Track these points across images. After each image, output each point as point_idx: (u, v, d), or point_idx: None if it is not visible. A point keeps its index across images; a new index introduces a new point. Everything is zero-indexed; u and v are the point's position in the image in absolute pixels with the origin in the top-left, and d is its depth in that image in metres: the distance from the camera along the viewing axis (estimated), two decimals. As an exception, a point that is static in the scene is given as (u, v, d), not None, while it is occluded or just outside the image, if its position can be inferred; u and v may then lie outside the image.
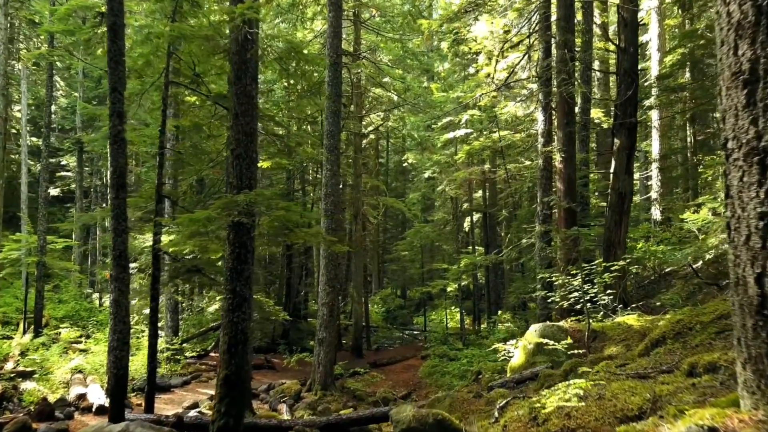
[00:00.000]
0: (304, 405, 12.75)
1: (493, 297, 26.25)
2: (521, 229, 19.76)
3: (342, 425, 8.05)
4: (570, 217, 12.35)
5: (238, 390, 6.57)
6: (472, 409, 6.54)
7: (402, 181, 44.37)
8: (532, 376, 7.65)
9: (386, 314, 32.94)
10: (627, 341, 7.47)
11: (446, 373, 16.69)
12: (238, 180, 6.83)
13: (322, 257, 14.17)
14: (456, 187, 24.49)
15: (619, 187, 12.06)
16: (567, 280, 8.42)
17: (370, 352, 22.62)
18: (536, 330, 8.55)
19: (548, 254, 12.53)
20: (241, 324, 6.67)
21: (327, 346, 14.03)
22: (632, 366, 4.69)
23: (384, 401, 14.13)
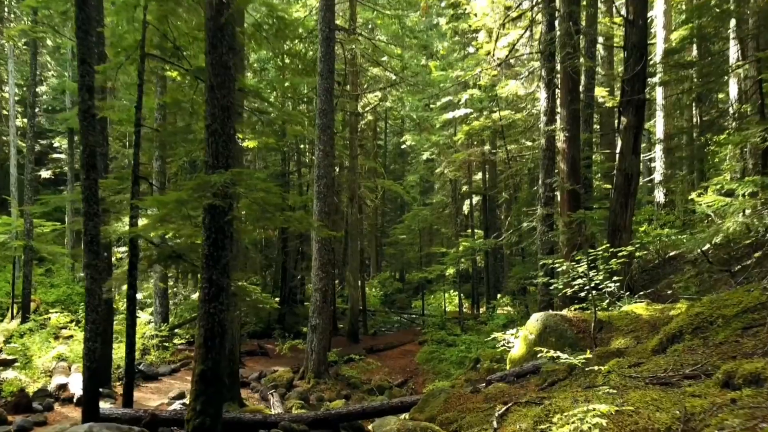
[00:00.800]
0: (296, 394, 12.30)
1: (492, 281, 25.79)
2: (522, 213, 19.20)
3: (330, 420, 7.56)
4: (573, 200, 11.77)
5: (215, 387, 6.06)
6: (469, 407, 6.03)
7: (401, 164, 43.74)
8: (533, 369, 7.15)
9: (384, 298, 32.51)
10: (636, 333, 6.95)
11: (444, 359, 16.26)
12: (214, 159, 6.25)
13: (315, 241, 13.62)
14: (455, 169, 23.85)
15: (626, 167, 11.47)
16: (571, 267, 7.87)
17: (366, 337, 22.21)
18: (538, 319, 8.03)
19: (550, 238, 11.98)
20: (218, 315, 6.14)
21: (320, 333, 13.55)
22: (648, 367, 4.15)
23: (379, 389, 13.70)
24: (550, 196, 12.40)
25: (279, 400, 11.56)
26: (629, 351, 5.98)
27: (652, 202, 22.16)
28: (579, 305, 8.88)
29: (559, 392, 5.62)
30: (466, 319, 21.86)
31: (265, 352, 17.23)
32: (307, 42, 21.43)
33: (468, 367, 14.92)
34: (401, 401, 7.59)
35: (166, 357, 14.43)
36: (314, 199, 13.75)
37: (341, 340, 20.98)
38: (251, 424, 7.54)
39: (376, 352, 18.75)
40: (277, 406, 11.23)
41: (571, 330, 7.64)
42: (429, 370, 16.19)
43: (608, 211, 12.22)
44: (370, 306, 30.16)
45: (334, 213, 20.92)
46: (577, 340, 7.51)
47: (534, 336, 7.94)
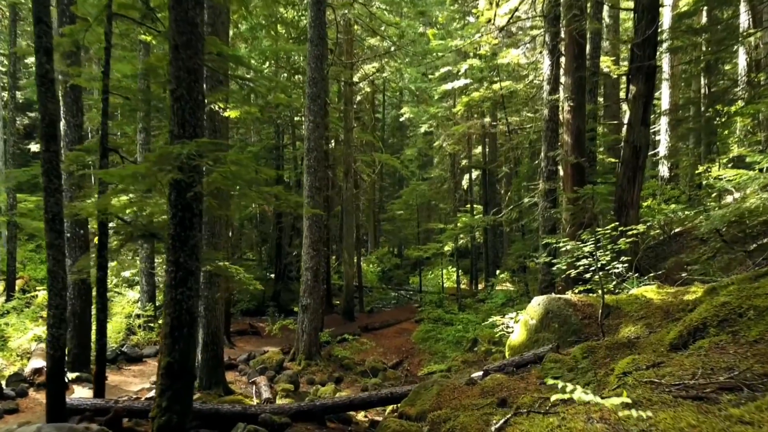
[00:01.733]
0: (285, 377, 11.79)
1: (491, 257, 25.23)
2: (522, 187, 18.53)
3: (315, 412, 7.03)
4: (578, 174, 11.11)
5: (183, 381, 5.48)
6: (464, 404, 5.46)
7: (399, 137, 42.86)
8: (535, 359, 6.57)
9: (382, 274, 32.01)
10: (647, 319, 6.35)
11: (440, 339, 15.78)
12: (180, 128, 5.56)
13: (306, 218, 12.98)
14: (454, 142, 23.09)
15: (634, 139, 10.77)
16: (576, 246, 7.25)
17: (362, 315, 21.73)
18: (540, 303, 7.44)
19: (552, 215, 11.34)
20: (186, 302, 5.52)
21: (311, 313, 13.01)
22: (672, 370, 3.54)
23: (373, 371, 13.23)
24: (553, 170, 11.73)
25: (267, 384, 11.06)
26: (642, 343, 5.38)
27: (655, 177, 21.48)
28: (583, 287, 8.28)
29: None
30: (464, 296, 21.35)
31: (256, 332, 16.73)
32: (301, 9, 20.49)
33: (465, 348, 14.44)
34: (391, 392, 7.05)
35: (152, 338, 13.91)
36: (305, 173, 13.08)
37: (336, 318, 20.52)
38: (230, 416, 7.01)
39: (372, 331, 18.28)
40: (264, 391, 10.72)
41: (576, 315, 7.05)
42: (425, 350, 15.71)
43: (613, 186, 11.60)
44: (368, 282, 29.68)
45: (328, 188, 20.26)
46: (582, 327, 6.92)
47: (535, 321, 7.36)
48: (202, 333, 10.02)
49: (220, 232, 10.05)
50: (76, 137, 10.76)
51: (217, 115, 9.78)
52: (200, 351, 10.06)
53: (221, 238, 10.08)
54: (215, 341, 10.03)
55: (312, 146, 12.90)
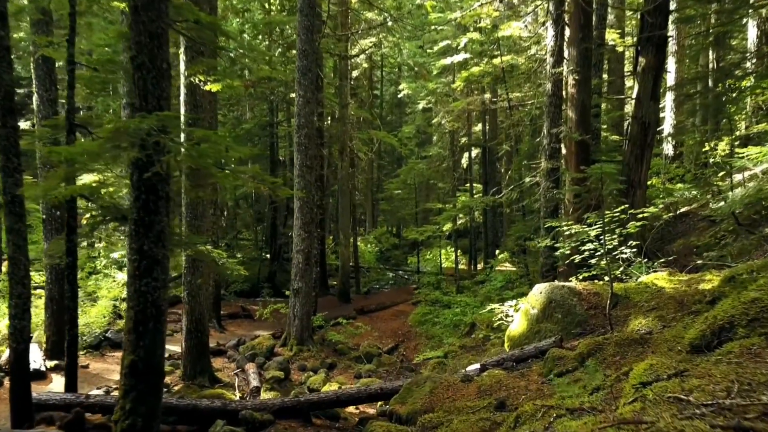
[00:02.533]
0: (275, 364, 11.32)
1: (490, 237, 24.73)
2: (523, 166, 17.92)
3: (300, 409, 6.54)
4: (582, 152, 10.51)
5: (149, 381, 4.97)
6: (458, 406, 4.97)
7: (398, 114, 42.09)
8: (536, 353, 6.06)
9: (379, 254, 31.54)
10: (659, 311, 5.82)
11: (438, 322, 15.32)
12: (142, 100, 4.96)
13: (296, 198, 12.40)
14: (453, 119, 22.40)
15: (643, 115, 10.17)
16: (582, 230, 6.70)
17: (359, 297, 21.29)
18: (542, 291, 6.91)
19: (554, 195, 10.77)
20: (151, 294, 4.99)
21: (303, 297, 12.51)
22: (701, 383, 2.99)
23: (367, 357, 12.77)
24: (556, 147, 11.12)
25: (256, 372, 10.60)
26: (656, 339, 4.86)
27: (660, 155, 20.85)
28: (588, 273, 7.74)
29: (568, 387, 4.54)
30: (463, 277, 20.88)
31: (248, 315, 16.27)
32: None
33: (463, 332, 13.98)
34: (380, 387, 6.56)
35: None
36: (295, 151, 12.47)
37: (332, 299, 20.07)
38: (208, 413, 6.53)
39: (367, 314, 17.82)
40: (253, 379, 10.27)
41: (581, 305, 6.53)
42: (422, 334, 15.27)
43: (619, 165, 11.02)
44: (365, 263, 29.23)
45: (322, 167, 19.64)
46: (587, 318, 6.41)
47: (537, 311, 6.84)
48: (186, 320, 9.54)
49: (204, 213, 9.49)
50: (50, 113, 10.12)
51: (199, 89, 9.14)
52: (184, 339, 9.60)
53: (205, 220, 9.53)
54: (200, 328, 9.54)
55: (303, 122, 12.26)
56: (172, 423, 6.72)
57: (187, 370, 9.51)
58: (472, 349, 12.54)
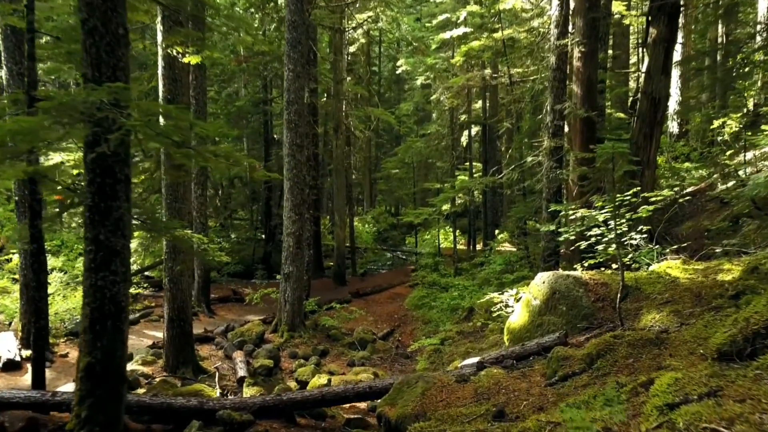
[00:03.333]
0: (264, 352, 10.88)
1: (490, 217, 24.19)
2: (524, 144, 17.29)
3: (282, 408, 6.06)
4: (588, 130, 9.91)
5: (108, 385, 4.47)
6: (452, 414, 4.46)
7: (396, 91, 41.25)
8: (538, 349, 5.55)
9: (377, 235, 31.02)
10: (674, 304, 5.30)
11: (435, 306, 14.86)
12: (94, 70, 4.37)
13: (286, 179, 11.82)
14: (452, 95, 21.66)
15: (652, 90, 9.54)
16: (590, 215, 6.15)
17: (355, 279, 20.82)
18: (545, 281, 6.38)
19: (558, 176, 10.18)
20: (109, 289, 4.46)
21: (294, 282, 12.01)
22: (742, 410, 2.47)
23: (361, 343, 12.34)
24: (560, 125, 10.50)
25: (243, 361, 10.15)
26: (674, 340, 4.34)
27: (665, 133, 20.18)
28: (594, 260, 7.20)
29: (576, 396, 4.02)
30: (462, 258, 20.38)
31: (240, 298, 15.78)
32: None
33: (461, 316, 13.52)
34: (369, 386, 6.07)
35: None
36: (284, 129, 11.85)
37: (327, 282, 19.62)
38: (184, 412, 6.04)
39: (363, 296, 17.37)
40: (240, 368, 9.82)
41: (587, 297, 6.00)
42: (418, 318, 14.83)
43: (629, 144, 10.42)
44: (363, 243, 28.74)
45: (315, 145, 19.01)
46: (595, 311, 5.88)
47: (539, 302, 6.32)
48: (167, 308, 9.04)
49: (185, 195, 8.92)
50: (23, 87, 9.47)
51: (177, 63, 8.50)
52: (166, 328, 9.11)
53: (186, 202, 8.96)
54: (182, 317, 9.04)
55: (292, 98, 11.63)
56: (146, 422, 6.25)
57: (169, 360, 9.05)
58: (470, 335, 12.09)
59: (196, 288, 14.17)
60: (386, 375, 10.39)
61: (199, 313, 13.83)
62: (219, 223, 28.34)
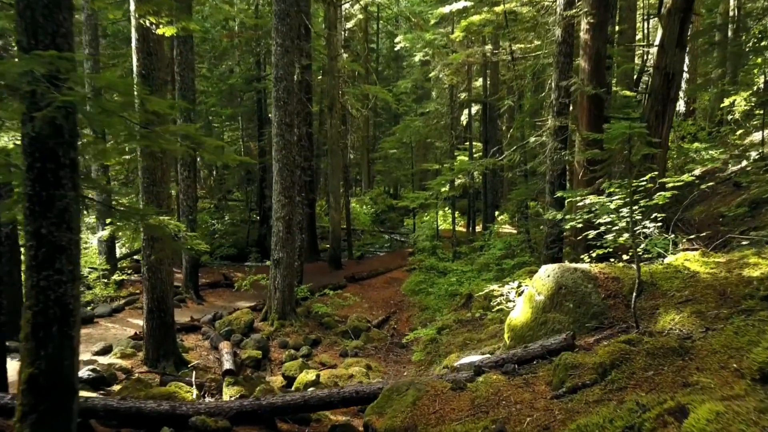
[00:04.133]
0: (253, 342, 10.39)
1: (490, 198, 23.58)
2: (526, 123, 16.61)
3: (261, 414, 5.54)
4: (596, 108, 9.26)
5: (55, 401, 3.93)
6: (444, 431, 3.93)
7: (395, 69, 40.35)
8: (543, 352, 5.00)
9: (375, 216, 30.41)
10: (695, 304, 4.74)
11: (432, 292, 14.35)
12: (30, 37, 3.74)
13: (275, 160, 11.20)
14: (452, 72, 20.88)
15: (666, 65, 8.88)
16: (601, 201, 5.56)
17: (351, 262, 20.31)
18: (549, 275, 5.81)
19: (563, 157, 9.57)
20: (54, 290, 3.90)
21: (285, 268, 11.47)
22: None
23: (354, 332, 11.84)
24: (565, 103, 9.84)
25: (230, 352, 9.64)
26: (700, 350, 3.78)
27: (670, 112, 19.42)
28: (602, 251, 6.63)
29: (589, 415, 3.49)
30: (460, 241, 19.86)
31: (230, 284, 15.24)
32: None
33: (459, 303, 13.01)
34: (356, 390, 5.53)
35: (109, 293, 12.43)
36: (273, 107, 11.20)
37: (322, 265, 19.10)
38: (155, 416, 5.53)
39: (359, 281, 16.86)
40: (226, 361, 9.32)
41: (597, 293, 5.44)
42: (415, 304, 14.33)
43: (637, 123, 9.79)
44: (360, 225, 28.18)
45: (309, 124, 18.33)
46: (605, 309, 5.32)
47: (543, 298, 5.76)
48: (146, 298, 8.49)
49: (164, 179, 8.31)
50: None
51: (152, 34, 7.83)
52: (145, 319, 8.58)
53: (165, 185, 8.36)
54: (162, 307, 8.50)
55: (281, 75, 10.95)
56: (114, 427, 5.74)
57: (149, 353, 8.54)
58: (468, 323, 11.59)
59: (184, 273, 13.64)
60: (380, 366, 9.93)
61: (187, 300, 13.32)
62: (213, 205, 27.77)
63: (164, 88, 8.23)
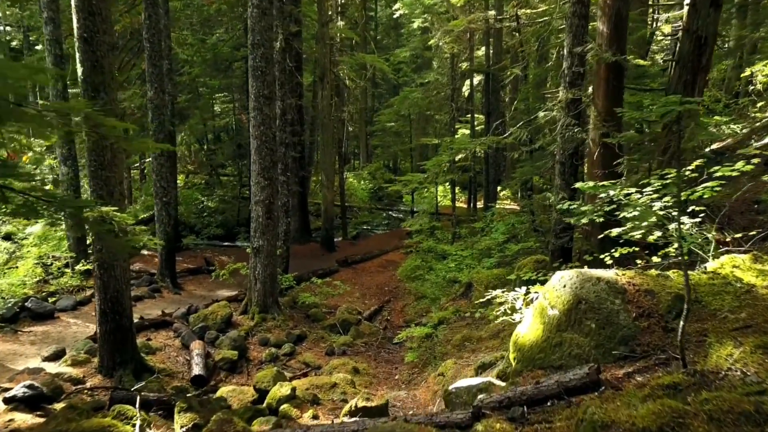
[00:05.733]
0: (228, 341, 9.39)
1: (492, 174, 22.36)
2: (531, 94, 15.34)
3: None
4: (615, 77, 8.06)
5: None
6: None
7: (394, 38, 38.73)
8: (559, 390, 3.94)
9: (373, 192, 29.26)
10: (759, 332, 3.65)
11: (429, 279, 13.32)
12: None
13: (252, 137, 10.04)
14: (452, 40, 19.50)
15: (698, 27, 7.64)
16: (640, 202, 4.45)
17: (345, 243, 19.26)
18: (566, 284, 4.72)
19: (576, 134, 8.38)
20: None
21: (266, 257, 10.41)
22: None
23: (343, 325, 10.85)
24: (579, 72, 8.60)
25: (202, 354, 8.67)
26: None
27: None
28: (626, 249, 5.53)
29: None
30: (461, 219, 18.75)
31: (213, 269, 14.14)
32: None
33: (458, 292, 11.97)
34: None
35: (74, 284, 11.39)
36: (250, 77, 9.98)
37: (314, 248, 18.05)
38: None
39: (352, 265, 15.85)
40: (196, 364, 8.37)
41: (626, 311, 4.35)
42: (411, 292, 13.33)
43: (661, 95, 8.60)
44: (357, 201, 27.08)
45: (298, 96, 17.07)
46: (638, 333, 4.24)
47: (558, 313, 4.68)
48: (98, 299, 7.44)
49: (114, 161, 7.16)
50: None
51: (95, -10, 6.61)
52: (98, 322, 7.54)
53: (116, 169, 7.22)
54: (118, 309, 7.45)
55: (258, 40, 9.70)
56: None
57: (104, 360, 7.53)
58: (468, 317, 10.60)
59: (160, 260, 12.59)
60: (369, 368, 8.95)
61: (162, 289, 12.30)
62: (203, 181, 26.61)
63: (111, 55, 7.01)
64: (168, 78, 15.12)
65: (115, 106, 7.23)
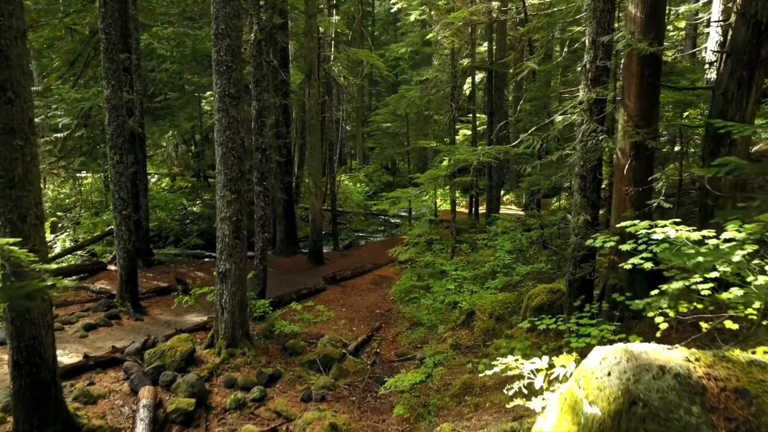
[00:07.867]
0: (185, 385, 7.94)
1: (495, 178, 20.88)
2: (542, 93, 13.85)
3: None
4: (651, 74, 6.57)
5: None
6: None
7: (392, 33, 37.30)
8: None
9: (370, 196, 27.78)
10: None
11: (425, 303, 11.82)
12: None
13: (217, 144, 8.56)
14: (452, 34, 17.99)
15: (756, 11, 6.17)
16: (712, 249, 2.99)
17: (335, 255, 17.77)
18: (611, 371, 3.24)
19: (601, 142, 6.89)
20: None
21: (233, 283, 8.94)
22: None
23: (325, 362, 9.38)
24: (602, 66, 7.11)
25: (149, 406, 7.23)
26: None
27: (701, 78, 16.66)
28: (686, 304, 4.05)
29: None
30: (461, 228, 17.25)
31: (186, 288, 12.63)
32: None
33: (458, 321, 10.50)
34: None
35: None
36: (213, 73, 8.50)
37: (300, 260, 16.56)
38: None
39: (340, 282, 14.38)
40: (140, 422, 6.91)
41: (710, 425, 2.86)
42: (404, 316, 11.87)
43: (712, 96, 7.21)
44: (353, 206, 25.65)
45: (284, 95, 15.60)
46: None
47: (600, 413, 3.20)
48: (11, 348, 5.98)
49: (26, 177, 5.69)
50: None
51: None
52: (11, 376, 6.08)
53: (29, 188, 5.75)
54: (34, 360, 6.00)
55: (222, 30, 8.22)
56: None
57: (18, 424, 6.06)
58: (469, 350, 9.16)
59: (119, 281, 11.13)
60: (351, 422, 7.48)
61: (121, 315, 10.83)
62: (188, 185, 25.17)
63: (21, 44, 5.56)
64: (136, 74, 13.67)
65: (28, 108, 5.77)
